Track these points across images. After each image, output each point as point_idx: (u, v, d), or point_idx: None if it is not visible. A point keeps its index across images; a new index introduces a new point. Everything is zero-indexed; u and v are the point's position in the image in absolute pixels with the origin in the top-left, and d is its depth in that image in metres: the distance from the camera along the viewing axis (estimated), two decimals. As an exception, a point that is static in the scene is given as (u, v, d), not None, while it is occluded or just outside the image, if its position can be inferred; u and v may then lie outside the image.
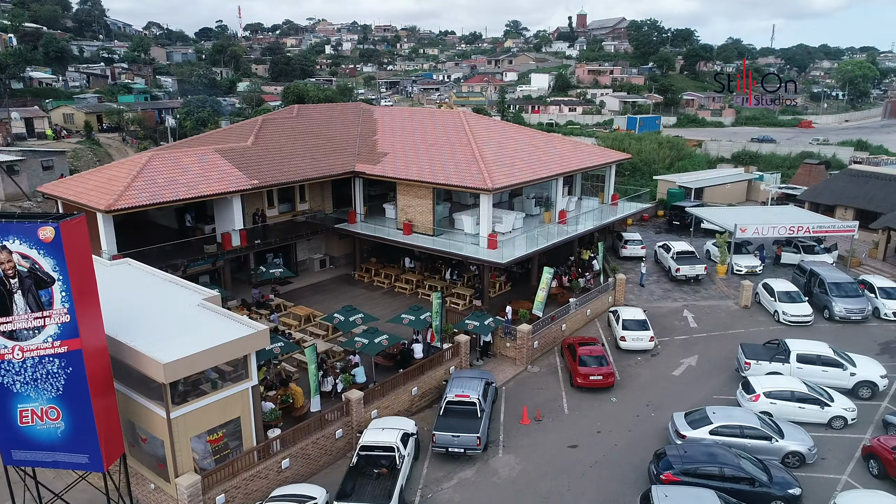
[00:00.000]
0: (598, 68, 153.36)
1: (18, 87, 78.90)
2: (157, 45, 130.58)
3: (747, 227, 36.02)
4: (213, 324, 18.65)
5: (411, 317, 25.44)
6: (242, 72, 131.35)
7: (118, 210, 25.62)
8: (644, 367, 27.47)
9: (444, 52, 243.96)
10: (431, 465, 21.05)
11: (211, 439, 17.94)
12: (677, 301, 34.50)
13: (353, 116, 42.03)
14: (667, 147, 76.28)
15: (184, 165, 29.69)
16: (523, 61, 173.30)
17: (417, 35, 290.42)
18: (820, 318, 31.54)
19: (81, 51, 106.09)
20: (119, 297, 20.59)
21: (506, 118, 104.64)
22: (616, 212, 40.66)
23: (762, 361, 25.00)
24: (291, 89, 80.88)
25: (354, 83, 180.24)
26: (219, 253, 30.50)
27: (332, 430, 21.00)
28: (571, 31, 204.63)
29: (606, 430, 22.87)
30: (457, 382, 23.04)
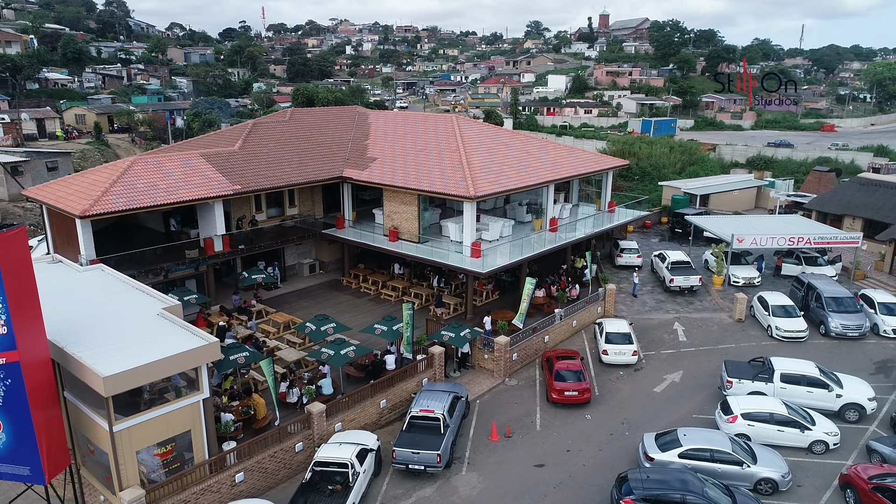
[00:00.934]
0: (617, 70, 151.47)
1: (34, 87, 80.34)
2: (175, 46, 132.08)
3: (745, 237, 34.91)
4: (165, 335, 18.43)
5: (384, 327, 25.01)
6: (259, 72, 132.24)
7: (93, 216, 25.61)
8: (625, 383, 26.68)
9: (463, 53, 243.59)
10: (392, 482, 20.61)
11: (159, 452, 17.71)
12: (669, 313, 33.56)
13: (349, 120, 41.78)
14: (678, 151, 74.82)
15: (166, 170, 29.64)
16: (541, 62, 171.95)
17: (438, 36, 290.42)
18: (816, 334, 30.41)
19: (99, 52, 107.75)
20: (80, 305, 20.58)
21: (518, 120, 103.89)
22: (613, 219, 39.80)
23: (744, 380, 24.07)
24: (301, 91, 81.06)
25: (373, 84, 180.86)
26: (200, 258, 30.40)
27: (292, 444, 20.67)
28: (591, 32, 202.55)
29: (577, 448, 22.19)
30: (423, 396, 22.57)
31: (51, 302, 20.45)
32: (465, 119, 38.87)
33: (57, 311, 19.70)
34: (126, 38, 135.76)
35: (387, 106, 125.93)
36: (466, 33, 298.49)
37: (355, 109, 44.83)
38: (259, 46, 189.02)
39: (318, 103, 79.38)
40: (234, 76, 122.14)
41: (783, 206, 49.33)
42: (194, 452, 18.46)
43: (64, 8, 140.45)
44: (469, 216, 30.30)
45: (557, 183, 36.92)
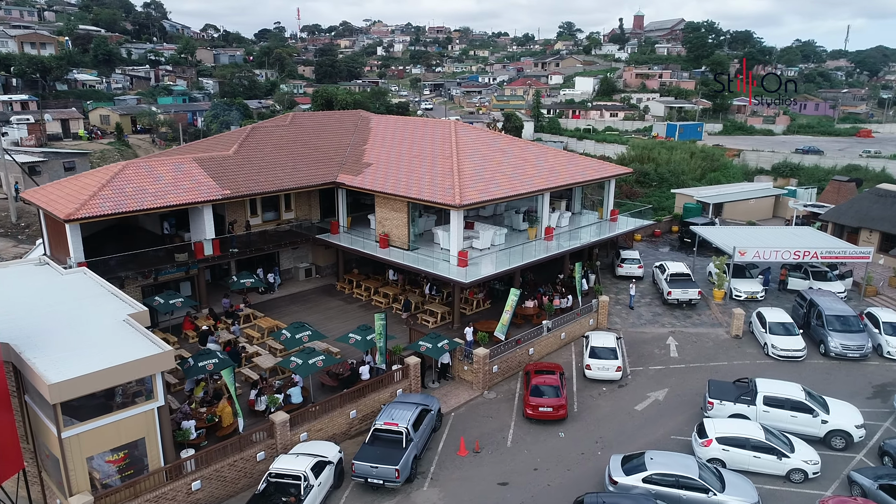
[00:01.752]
0: (647, 72, 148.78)
1: (63, 88, 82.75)
2: (204, 48, 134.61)
3: (747, 249, 33.75)
4: (124, 342, 18.57)
5: (358, 336, 24.85)
6: (287, 74, 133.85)
7: (79, 219, 26.06)
8: (606, 400, 25.98)
9: (494, 54, 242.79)
10: (351, 496, 20.40)
11: (111, 459, 17.84)
12: (665, 327, 32.63)
13: (350, 125, 41.83)
14: (699, 157, 73.11)
15: (157, 175, 30.03)
16: (570, 64, 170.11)
17: (470, 37, 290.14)
18: (815, 353, 29.17)
19: (129, 53, 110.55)
20: (49, 309, 20.89)
21: (540, 123, 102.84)
22: (615, 228, 38.95)
23: (726, 402, 23.17)
24: (321, 93, 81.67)
25: (401, 85, 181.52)
26: (190, 261, 30.71)
27: (253, 453, 20.62)
28: (622, 33, 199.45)
29: (544, 467, 21.64)
30: (389, 408, 22.32)
31: (20, 305, 20.95)
32: (462, 125, 38.52)
33: (23, 315, 20.14)
34: (159, 40, 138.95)
35: (410, 107, 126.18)
36: (498, 34, 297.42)
37: (358, 114, 44.86)
38: (290, 48, 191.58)
39: (336, 105, 79.92)
40: (261, 77, 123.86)
41: (801, 217, 47.62)
42: (149, 460, 18.55)
43: (101, 10, 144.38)
44: (456, 224, 29.95)
45: (555, 191, 36.35)
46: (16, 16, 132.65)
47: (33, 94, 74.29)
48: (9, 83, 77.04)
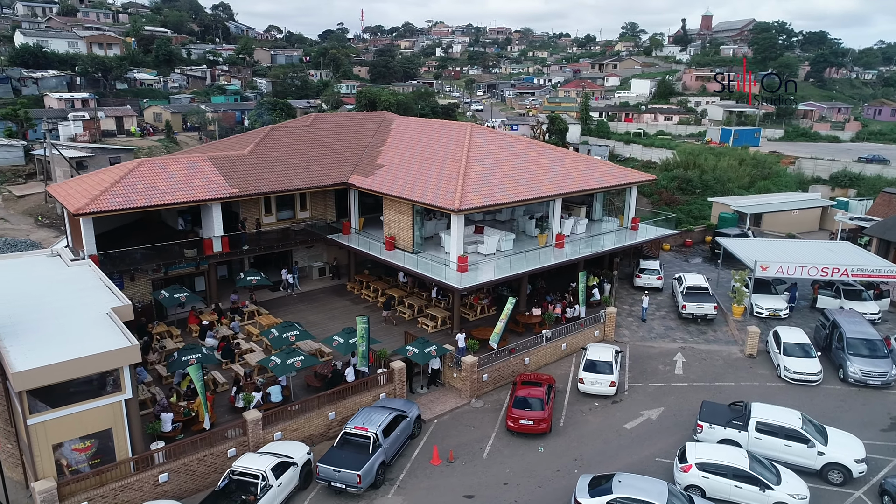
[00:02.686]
0: (708, 74, 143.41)
1: (123, 87, 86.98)
2: (262, 48, 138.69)
3: (770, 264, 31.87)
4: (97, 334, 19.16)
5: (341, 339, 24.89)
6: (342, 74, 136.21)
7: (88, 213, 27.16)
8: (596, 415, 25.04)
9: (553, 55, 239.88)
10: (316, 498, 20.42)
11: (78, 448, 18.46)
12: (675, 342, 31.23)
13: (372, 126, 42.01)
14: (749, 164, 69.74)
15: (169, 172, 31.00)
16: (628, 66, 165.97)
17: (530, 37, 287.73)
18: (833, 378, 27.24)
19: (189, 53, 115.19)
20: (39, 300, 21.82)
21: (588, 126, 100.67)
22: (635, 237, 37.62)
23: (716, 425, 21.90)
24: (364, 93, 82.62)
25: (456, 86, 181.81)
26: (199, 257, 31.53)
27: (224, 449, 20.93)
28: (684, 34, 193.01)
29: (515, 482, 21.04)
30: (363, 413, 22.24)
31: (17, 294, 21.98)
32: (480, 127, 38.04)
33: (15, 304, 21.12)
34: (221, 41, 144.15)
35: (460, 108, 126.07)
36: (559, 35, 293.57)
37: (382, 115, 45.03)
38: (349, 48, 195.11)
39: (379, 106, 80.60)
40: (315, 77, 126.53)
41: (846, 231, 44.68)
42: (116, 450, 19.10)
43: (170, 12, 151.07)
44: (456, 228, 29.56)
45: (570, 197, 35.50)
46: (92, 18, 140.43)
47: (94, 93, 78.49)
48: (73, 82, 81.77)
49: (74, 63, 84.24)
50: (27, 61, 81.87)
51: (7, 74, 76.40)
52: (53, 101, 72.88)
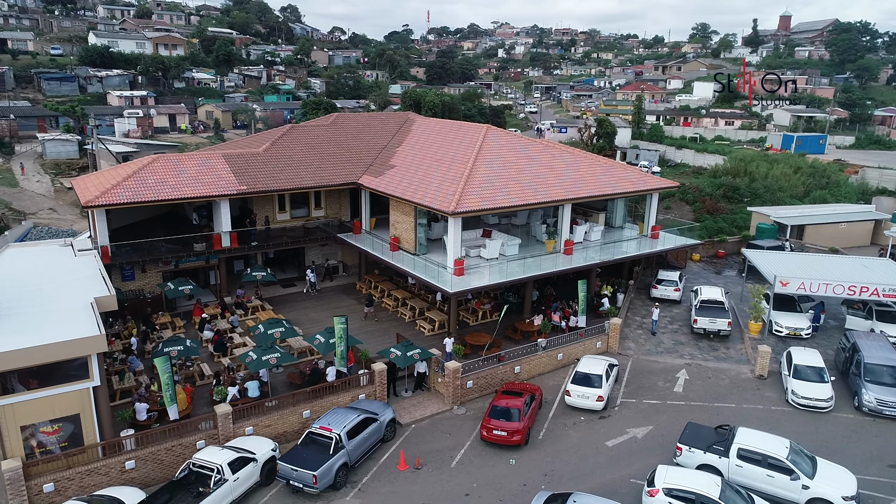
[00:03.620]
0: (778, 77, 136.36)
1: (181, 86, 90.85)
2: (321, 49, 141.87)
3: (790, 279, 29.85)
4: (72, 323, 19.91)
5: (322, 338, 24.96)
6: (398, 74, 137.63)
7: (96, 206, 28.36)
8: (578, 430, 24.10)
9: (618, 57, 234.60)
10: (276, 496, 20.52)
11: (46, 430, 19.24)
12: (683, 357, 29.71)
13: (394, 127, 42.08)
14: (805, 172, 65.79)
15: (182, 168, 32.00)
16: (693, 68, 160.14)
17: (596, 39, 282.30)
18: (846, 406, 25.19)
19: (248, 54, 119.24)
20: (31, 286, 22.90)
21: (640, 130, 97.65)
22: (654, 245, 36.11)
23: (696, 449, 20.61)
24: (409, 94, 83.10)
25: (515, 87, 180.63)
26: (208, 252, 32.39)
27: (193, 440, 21.33)
28: (756, 35, 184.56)
29: (477, 494, 20.49)
30: (331, 413, 22.22)
31: (13, 280, 23.16)
32: (494, 129, 37.36)
33: (7, 290, 22.24)
34: (284, 42, 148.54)
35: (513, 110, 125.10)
36: (627, 36, 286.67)
37: (406, 116, 45.03)
38: (411, 49, 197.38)
39: (424, 107, 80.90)
40: (371, 78, 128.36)
41: None
42: (84, 436, 19.80)
43: (238, 14, 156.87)
44: (453, 232, 29.13)
45: (582, 202, 34.47)
46: (166, 20, 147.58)
47: (153, 91, 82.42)
48: (135, 80, 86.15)
49: (137, 63, 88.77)
50: (95, 61, 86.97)
51: (75, 73, 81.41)
52: (115, 98, 77.00)
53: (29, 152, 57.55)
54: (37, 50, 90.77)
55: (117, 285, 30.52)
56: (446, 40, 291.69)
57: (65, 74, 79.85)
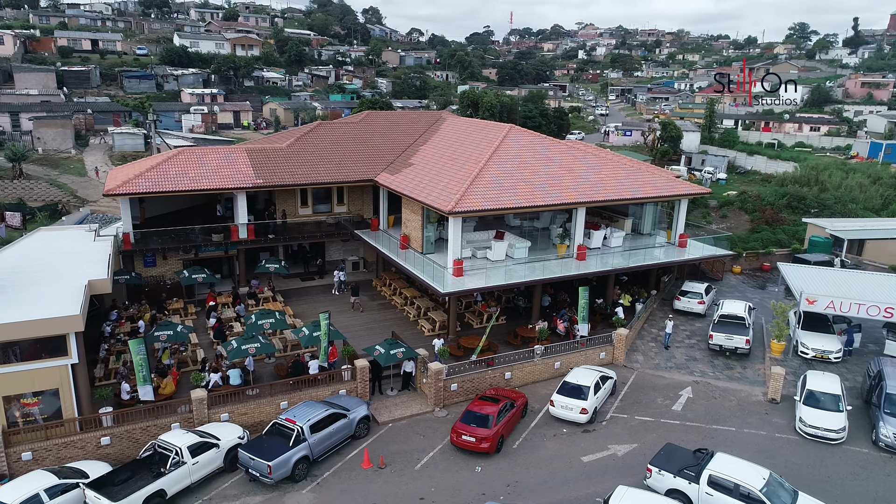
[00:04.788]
0: (878, 80, 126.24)
1: (250, 84, 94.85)
2: (391, 49, 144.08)
3: (818, 297, 27.38)
4: (57, 302, 21.02)
5: (307, 331, 25.22)
6: (468, 75, 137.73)
7: (117, 194, 30.00)
8: (556, 442, 23.08)
9: (705, 58, 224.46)
10: (236, 482, 20.85)
11: (26, 402, 20.46)
12: (692, 374, 27.91)
13: (424, 125, 42.05)
14: (886, 183, 60.36)
15: (204, 161, 33.29)
16: (783, 69, 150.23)
17: (683, 40, 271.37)
18: (863, 439, 22.79)
19: (319, 54, 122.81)
20: (38, 267, 24.48)
21: (711, 134, 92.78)
22: (682, 254, 34.19)
23: (666, 472, 19.23)
24: (468, 94, 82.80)
25: (590, 89, 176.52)
26: (225, 242, 33.51)
27: (168, 422, 22.03)
28: (856, 34, 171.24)
29: (432, 499, 20.02)
30: (300, 406, 22.37)
31: (26, 260, 24.82)
32: (518, 129, 36.49)
33: (14, 269, 23.86)
34: (360, 43, 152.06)
35: (579, 112, 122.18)
36: (717, 37, 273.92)
37: (437, 115, 44.88)
38: (489, 50, 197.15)
39: (481, 108, 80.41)
40: (441, 78, 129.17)
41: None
42: (63, 410, 20.91)
43: (320, 16, 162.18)
44: (453, 232, 28.70)
45: (613, 206, 33.35)
46: (251, 23, 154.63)
47: (224, 89, 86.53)
48: (209, 79, 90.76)
49: (210, 62, 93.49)
50: (173, 60, 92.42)
51: (154, 72, 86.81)
52: (187, 95, 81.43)
53: (102, 145, 61.77)
54: (125, 50, 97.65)
55: (139, 271, 32.26)
56: (527, 41, 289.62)
57: (144, 73, 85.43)
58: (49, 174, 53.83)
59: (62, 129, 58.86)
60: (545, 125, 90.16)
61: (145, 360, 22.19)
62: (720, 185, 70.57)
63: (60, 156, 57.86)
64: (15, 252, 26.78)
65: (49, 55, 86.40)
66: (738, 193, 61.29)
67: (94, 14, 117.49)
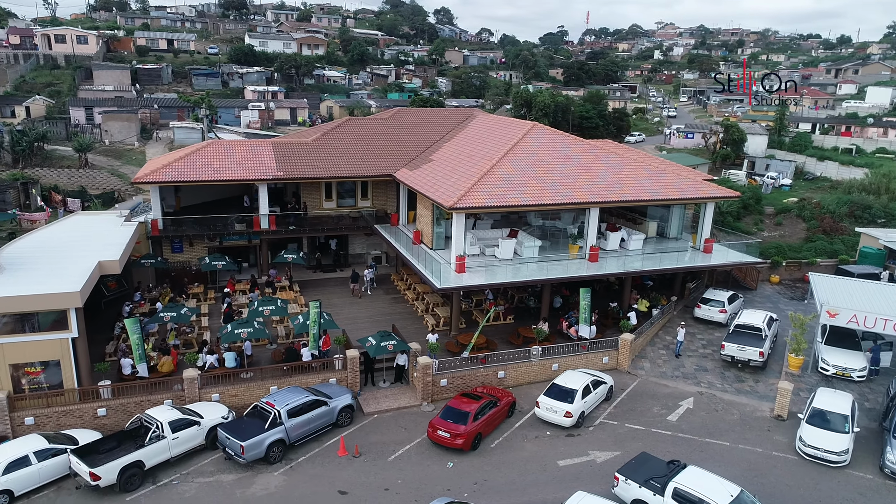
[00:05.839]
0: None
1: (310, 82, 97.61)
2: (454, 49, 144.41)
3: (840, 311, 25.51)
4: (65, 279, 22.52)
5: (302, 319, 25.83)
6: (532, 75, 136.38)
7: (143, 182, 31.74)
8: (536, 444, 22.62)
9: (790, 59, 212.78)
10: (216, 461, 21.59)
11: (30, 371, 22.03)
12: (697, 385, 26.64)
13: (453, 123, 42.07)
14: (966, 193, 55.24)
15: (230, 154, 34.67)
16: (873, 70, 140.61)
17: (768, 39, 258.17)
18: (869, 464, 21.06)
19: (382, 54, 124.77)
20: (60, 246, 26.29)
21: (782, 138, 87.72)
22: (706, 260, 32.71)
23: (633, 482, 18.47)
24: (521, 94, 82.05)
25: (662, 90, 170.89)
26: (248, 231, 34.78)
27: (161, 398, 23.13)
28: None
29: (396, 491, 20.09)
30: (283, 391, 22.96)
31: (56, 240, 26.70)
32: (540, 127, 35.89)
33: (43, 247, 25.75)
34: (427, 43, 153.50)
35: (644, 114, 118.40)
36: (807, 36, 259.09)
37: (469, 112, 44.72)
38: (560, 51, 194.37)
39: (534, 108, 79.56)
40: (503, 78, 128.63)
41: None
42: (64, 380, 22.37)
43: (390, 17, 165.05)
44: (457, 228, 28.61)
45: (624, 207, 32.47)
46: (324, 23, 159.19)
47: (285, 87, 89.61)
48: (272, 77, 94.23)
49: (274, 61, 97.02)
50: (240, 59, 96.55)
51: (221, 70, 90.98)
52: (250, 93, 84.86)
53: (164, 138, 65.34)
54: (197, 49, 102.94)
55: (167, 256, 33.99)
56: (601, 42, 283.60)
57: (211, 70, 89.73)
58: (112, 165, 57.52)
59: (127, 122, 62.76)
60: (603, 126, 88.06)
61: (140, 339, 23.40)
62: (783, 191, 66.79)
63: (125, 147, 61.72)
64: (47, 233, 28.89)
65: (128, 54, 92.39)
66: (797, 200, 57.82)
67: (175, 15, 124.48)
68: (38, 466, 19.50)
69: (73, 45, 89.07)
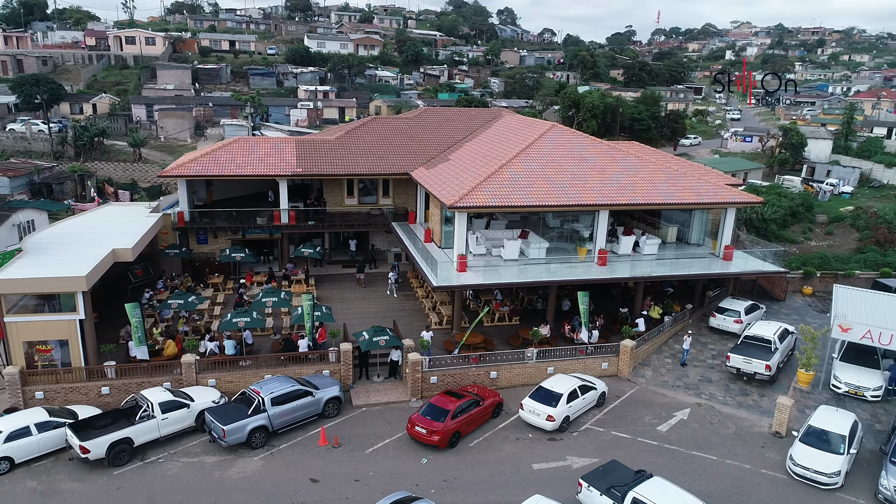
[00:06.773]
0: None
1: (362, 81, 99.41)
2: (511, 50, 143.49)
3: (853, 325, 24.03)
4: (78, 263, 24.05)
5: (299, 311, 26.55)
6: (591, 75, 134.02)
7: (168, 176, 33.42)
8: (515, 446, 22.45)
9: (875, 59, 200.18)
10: (203, 443, 22.53)
11: (41, 348, 23.66)
12: (698, 396, 25.71)
13: (478, 123, 42.07)
14: None
15: (253, 150, 35.95)
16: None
17: (851, 39, 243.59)
18: (865, 488, 19.79)
19: (436, 54, 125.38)
20: (84, 233, 28.02)
21: (848, 142, 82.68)
22: (725, 267, 31.51)
23: (594, 489, 18.08)
24: (569, 94, 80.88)
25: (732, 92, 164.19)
26: (268, 226, 36.00)
27: (160, 380, 24.34)
28: None
29: (366, 483, 20.43)
30: (271, 380, 23.71)
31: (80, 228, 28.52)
32: (560, 128, 35.38)
33: (68, 234, 27.58)
34: (485, 44, 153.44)
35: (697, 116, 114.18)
36: (893, 36, 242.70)
37: (495, 112, 44.59)
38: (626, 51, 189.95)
39: (582, 108, 78.35)
40: (559, 78, 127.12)
41: None
42: (72, 359, 23.91)
43: (452, 17, 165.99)
44: (459, 227, 28.69)
45: (627, 210, 31.55)
46: (385, 24, 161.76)
47: (337, 86, 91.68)
48: (325, 77, 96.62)
49: (328, 61, 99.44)
50: (295, 59, 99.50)
51: (277, 70, 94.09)
52: (302, 92, 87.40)
53: (216, 135, 68.27)
54: (258, 50, 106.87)
55: (192, 247, 35.62)
56: (671, 42, 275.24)
57: (267, 70, 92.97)
58: (165, 159, 60.60)
59: (181, 119, 66.00)
60: (655, 128, 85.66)
61: (140, 323, 24.70)
62: (842, 199, 63.11)
63: (178, 143, 64.92)
64: (77, 221, 30.88)
65: (191, 54, 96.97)
66: (853, 209, 54.53)
67: (241, 17, 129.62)
68: (37, 437, 20.95)
69: (141, 46, 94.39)
